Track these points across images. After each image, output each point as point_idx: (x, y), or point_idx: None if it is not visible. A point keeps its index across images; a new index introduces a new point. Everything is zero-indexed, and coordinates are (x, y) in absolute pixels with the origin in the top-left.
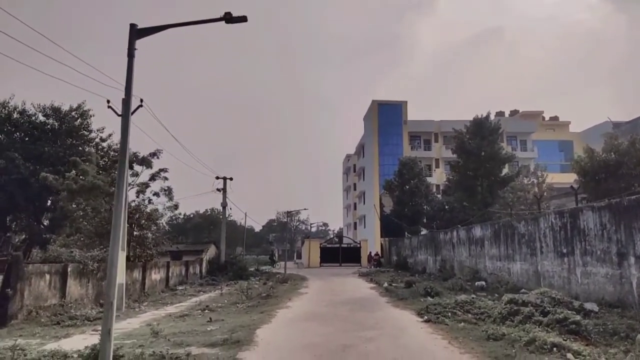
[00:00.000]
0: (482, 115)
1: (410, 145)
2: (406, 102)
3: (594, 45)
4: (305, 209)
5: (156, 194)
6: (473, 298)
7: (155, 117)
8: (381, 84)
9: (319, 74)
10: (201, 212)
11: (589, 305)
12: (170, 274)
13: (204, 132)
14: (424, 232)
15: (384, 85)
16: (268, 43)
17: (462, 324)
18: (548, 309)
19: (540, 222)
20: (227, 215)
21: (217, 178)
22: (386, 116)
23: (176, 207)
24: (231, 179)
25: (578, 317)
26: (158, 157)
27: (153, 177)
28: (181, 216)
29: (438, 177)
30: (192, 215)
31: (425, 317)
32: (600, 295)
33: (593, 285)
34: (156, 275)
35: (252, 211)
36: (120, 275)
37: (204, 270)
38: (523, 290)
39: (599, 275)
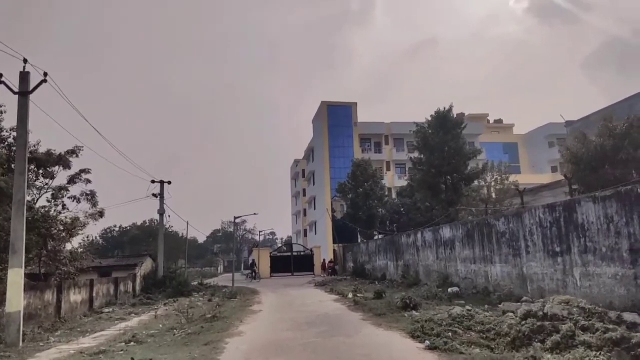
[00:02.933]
0: (444, 109)
1: (361, 148)
2: (356, 103)
3: (522, 54)
4: (255, 214)
5: (76, 200)
6: (469, 311)
7: (65, 98)
8: (322, 92)
9: (263, 82)
10: (139, 223)
11: (629, 317)
12: (95, 294)
13: (142, 139)
14: (377, 237)
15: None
16: (211, 50)
17: (478, 349)
18: (583, 323)
19: (525, 219)
20: (165, 224)
21: (153, 182)
22: (336, 118)
23: (101, 214)
24: (169, 182)
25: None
26: (78, 156)
27: (72, 180)
28: (117, 229)
29: (390, 180)
30: (128, 228)
31: (427, 343)
32: (607, 299)
33: (597, 289)
34: (76, 297)
35: (195, 222)
36: (15, 301)
37: (138, 288)
38: (525, 298)
39: (606, 276)
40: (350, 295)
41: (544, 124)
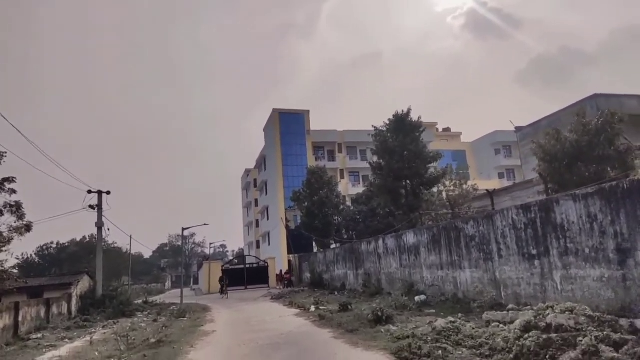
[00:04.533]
0: (402, 112)
1: (314, 156)
2: (308, 111)
3: (460, 67)
4: (205, 224)
5: None
6: (452, 322)
7: None
8: (270, 102)
9: (207, 93)
10: (78, 239)
11: None
12: (21, 319)
13: (80, 151)
14: (334, 245)
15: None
16: (152, 60)
17: None
18: (596, 334)
19: (496, 221)
20: (106, 239)
21: (90, 192)
22: (288, 125)
23: (28, 228)
24: (108, 192)
25: None
26: (0, 163)
27: None
28: (54, 245)
29: (344, 188)
30: (67, 244)
31: None
32: (592, 303)
33: (581, 292)
34: None
35: (141, 236)
36: None
37: (74, 309)
38: (511, 306)
39: (590, 279)
40: (313, 309)
41: (490, 132)
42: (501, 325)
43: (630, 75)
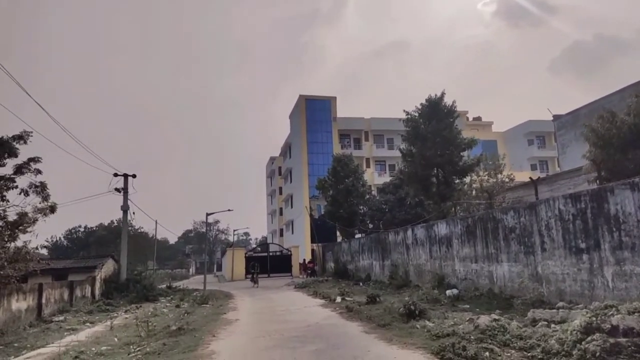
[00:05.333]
0: (435, 95)
1: (340, 144)
2: (335, 97)
3: (491, 55)
4: (229, 210)
5: (24, 192)
6: (496, 320)
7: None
8: (294, 90)
9: (232, 80)
10: (106, 223)
11: None
12: (45, 301)
13: (110, 139)
14: (358, 235)
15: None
16: (180, 50)
17: None
18: None
19: (540, 211)
20: (131, 222)
21: (116, 175)
22: (314, 112)
23: (52, 209)
24: (134, 176)
25: None
26: (26, 142)
27: (19, 170)
28: (82, 229)
29: (370, 178)
30: (95, 228)
31: None
32: None
33: (636, 290)
34: (20, 304)
35: (167, 222)
36: None
37: (97, 292)
38: (561, 304)
39: None
40: (339, 299)
41: (523, 121)
42: (553, 325)
43: None
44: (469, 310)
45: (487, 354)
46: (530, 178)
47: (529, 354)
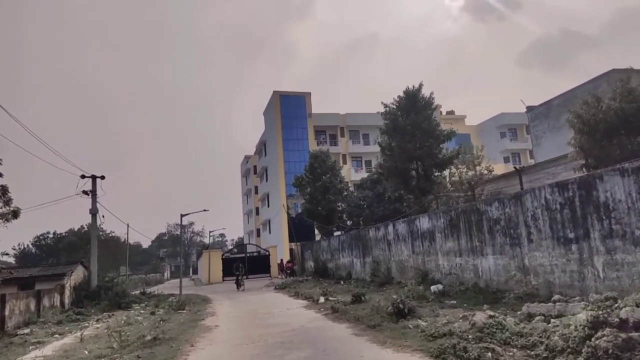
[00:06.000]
0: (413, 87)
1: (316, 140)
2: (309, 93)
3: (459, 50)
4: (205, 210)
5: None
6: (492, 317)
7: None
8: (267, 87)
9: (201, 77)
10: (76, 229)
11: None
12: (8, 312)
13: (75, 140)
14: (337, 233)
15: (269, 87)
16: (144, 48)
17: None
18: None
19: (525, 201)
20: (100, 226)
21: (83, 177)
22: (289, 108)
23: (15, 214)
24: (102, 177)
25: None
26: None
27: None
28: (51, 235)
29: (347, 174)
30: (64, 234)
31: None
32: None
33: (629, 280)
34: None
35: (139, 225)
36: None
37: (67, 301)
38: (557, 297)
39: None
40: (322, 300)
41: (495, 114)
42: (553, 321)
43: (631, 58)
44: (457, 306)
45: (489, 354)
46: (515, 167)
47: (532, 353)
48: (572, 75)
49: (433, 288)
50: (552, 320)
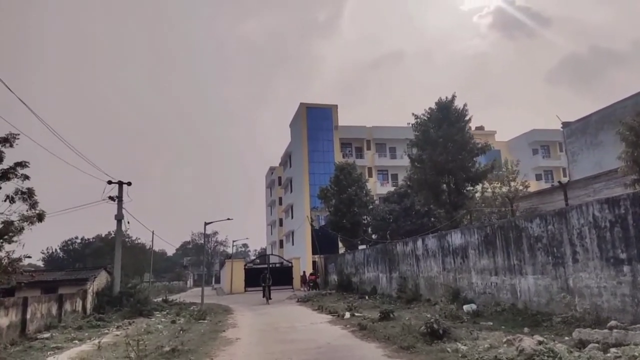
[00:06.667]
0: (446, 98)
1: (341, 152)
2: (336, 106)
3: (487, 66)
4: (228, 219)
5: (9, 199)
6: (542, 343)
7: None
8: (291, 102)
9: (229, 91)
10: (103, 235)
11: None
12: (30, 316)
13: (103, 150)
14: (362, 246)
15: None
16: (179, 58)
17: None
18: None
19: (571, 218)
20: (126, 232)
21: (110, 183)
22: (315, 121)
23: (40, 218)
24: (129, 183)
25: None
26: (12, 145)
27: (5, 175)
28: (78, 240)
29: (372, 187)
30: (91, 240)
31: None
32: None
33: None
34: (1, 320)
35: (165, 233)
36: None
37: (89, 306)
38: (614, 323)
39: None
40: (348, 315)
41: (527, 131)
42: (614, 350)
43: None
44: (494, 328)
45: None
46: (559, 182)
47: None
48: (602, 92)
49: (466, 307)
50: (614, 350)
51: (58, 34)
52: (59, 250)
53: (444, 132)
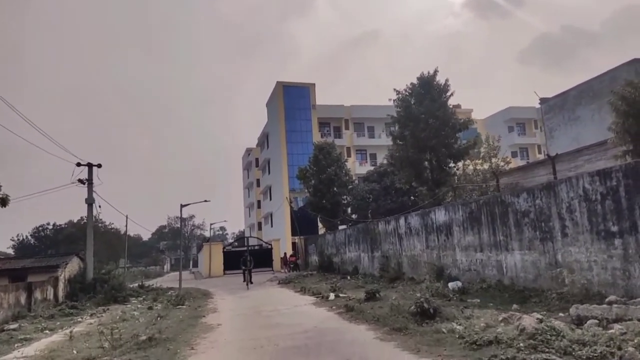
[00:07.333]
0: (428, 73)
1: (320, 132)
2: (314, 84)
3: (460, 46)
4: (206, 201)
5: None
6: (545, 322)
7: None
8: (269, 81)
9: (203, 69)
10: (75, 220)
11: None
12: None
13: (73, 132)
14: (341, 227)
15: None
16: (154, 38)
17: None
18: None
19: (559, 191)
20: (97, 216)
21: (79, 165)
22: (293, 99)
23: (3, 202)
24: (99, 165)
25: None
26: None
27: None
28: (50, 226)
29: (351, 167)
30: (64, 225)
31: None
32: None
33: None
34: None
35: (139, 218)
36: None
37: (61, 294)
38: (613, 297)
39: None
40: (332, 296)
41: (503, 108)
42: (618, 326)
43: (633, 55)
44: (482, 305)
45: None
46: (547, 155)
47: None
48: (575, 72)
49: (451, 285)
50: (615, 326)
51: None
52: (29, 237)
53: (426, 108)
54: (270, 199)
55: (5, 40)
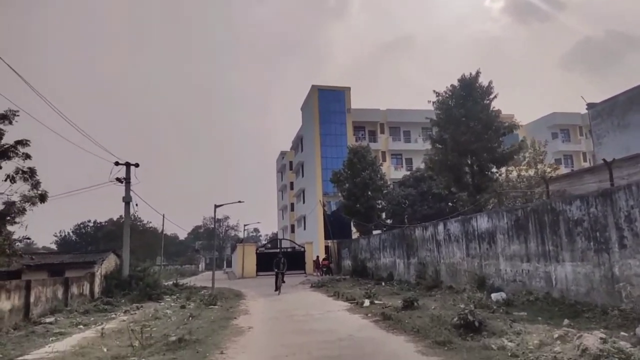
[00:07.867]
0: (470, 75)
1: (354, 136)
2: (349, 88)
3: (498, 51)
4: (239, 202)
5: (10, 179)
6: (604, 342)
7: None
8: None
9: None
10: (115, 218)
11: None
12: (33, 299)
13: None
14: (375, 232)
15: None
16: (191, 41)
17: None
18: None
19: (617, 199)
20: (134, 215)
21: (117, 164)
22: (328, 103)
23: (42, 198)
24: (137, 165)
25: None
26: (11, 122)
27: (5, 153)
28: (91, 224)
29: (386, 171)
30: (104, 223)
31: None
32: None
33: None
34: (2, 303)
35: (177, 218)
36: None
37: (96, 290)
38: None
39: None
40: (367, 303)
41: (547, 114)
42: None
43: None
44: (529, 319)
45: None
46: (603, 160)
47: None
48: (619, 77)
49: (495, 296)
50: None
51: (74, 16)
52: (71, 234)
53: (467, 110)
54: (304, 202)
55: (49, 39)
